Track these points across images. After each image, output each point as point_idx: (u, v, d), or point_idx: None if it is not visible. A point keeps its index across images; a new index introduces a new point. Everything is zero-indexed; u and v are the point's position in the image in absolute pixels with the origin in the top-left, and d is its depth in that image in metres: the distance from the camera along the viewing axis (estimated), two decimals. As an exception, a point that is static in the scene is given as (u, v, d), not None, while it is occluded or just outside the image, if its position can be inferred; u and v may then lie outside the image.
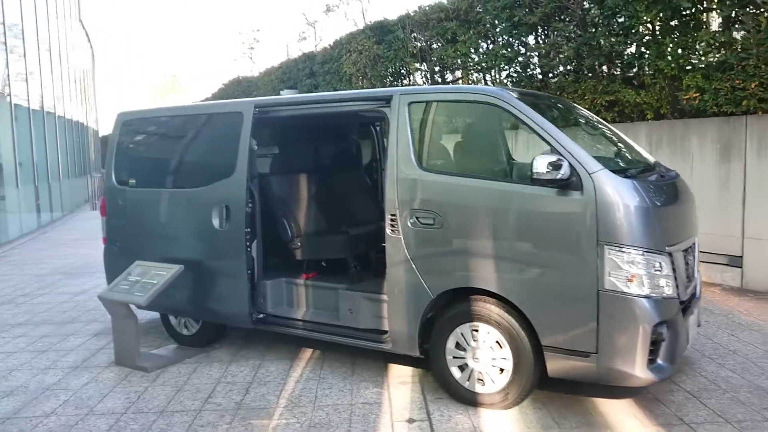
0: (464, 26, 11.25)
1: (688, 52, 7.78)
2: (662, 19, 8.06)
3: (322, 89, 16.50)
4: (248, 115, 4.89)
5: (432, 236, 4.14)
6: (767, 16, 6.91)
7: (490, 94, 4.02)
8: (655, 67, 8.06)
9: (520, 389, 3.96)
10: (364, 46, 13.95)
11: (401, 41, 13.01)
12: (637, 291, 3.56)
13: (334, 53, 15.65)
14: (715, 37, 7.41)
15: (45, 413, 4.26)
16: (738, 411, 3.96)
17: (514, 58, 10.42)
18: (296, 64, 17.90)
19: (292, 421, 4.02)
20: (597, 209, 3.58)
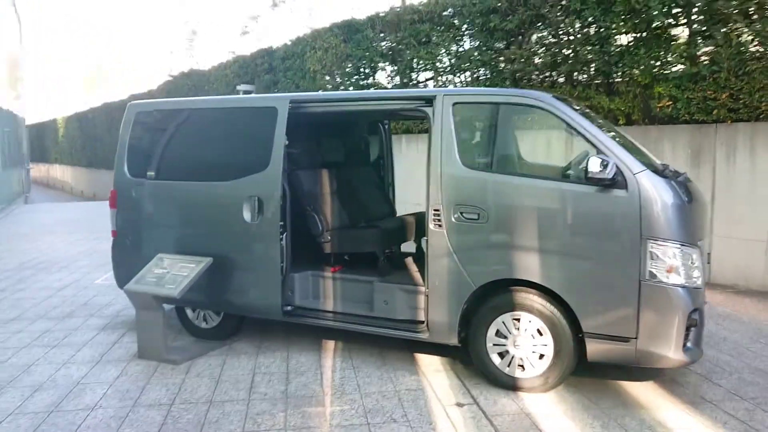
0: (437, 29, 11.55)
1: (660, 63, 8.36)
2: (636, 31, 8.62)
3: (282, 85, 16.43)
4: (283, 110, 4.97)
5: (476, 230, 4.38)
6: (737, 33, 7.55)
7: (537, 98, 4.30)
8: (629, 76, 8.62)
9: (559, 374, 4.26)
10: (331, 44, 14.02)
11: (370, 40, 13.19)
12: (675, 281, 3.92)
13: (296, 49, 15.61)
14: (686, 51, 8.01)
15: (88, 406, 4.22)
16: (748, 389, 4.41)
17: (489, 62, 10.79)
18: (254, 59, 17.71)
19: (346, 408, 4.16)
20: (641, 206, 3.92)
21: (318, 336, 5.62)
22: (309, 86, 15.34)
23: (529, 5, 9.78)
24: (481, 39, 10.77)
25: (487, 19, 10.44)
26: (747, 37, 7.58)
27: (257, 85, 17.58)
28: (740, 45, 7.46)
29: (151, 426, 3.92)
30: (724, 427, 3.84)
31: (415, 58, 12.11)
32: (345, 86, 14.27)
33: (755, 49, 7.37)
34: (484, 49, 10.80)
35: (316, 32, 14.72)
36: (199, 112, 5.49)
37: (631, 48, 8.67)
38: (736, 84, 7.33)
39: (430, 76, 12.81)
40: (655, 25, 8.48)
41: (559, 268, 4.17)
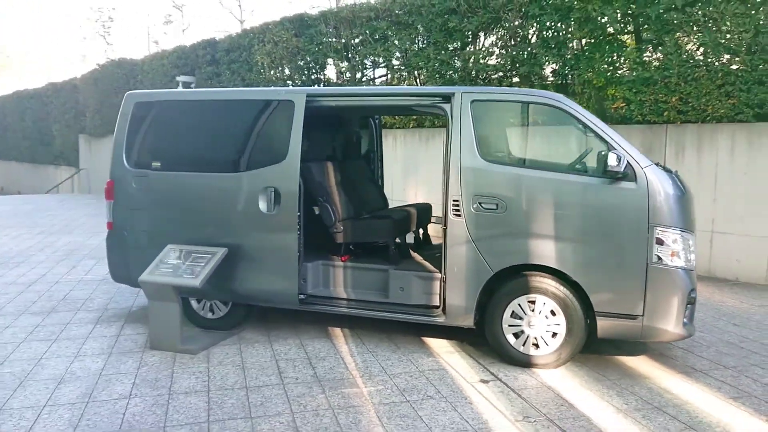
0: (394, 27, 11.83)
1: (613, 67, 9.03)
2: (591, 37, 9.27)
3: (226, 78, 16.23)
4: (300, 103, 5.11)
5: (494, 219, 4.71)
6: (686, 41, 8.31)
7: (552, 97, 4.68)
8: (585, 79, 9.25)
9: (571, 350, 4.67)
10: (282, 38, 14.02)
11: (324, 36, 13.31)
12: (677, 264, 4.41)
13: (243, 42, 15.47)
14: (637, 56, 8.71)
15: (122, 395, 4.22)
16: (727, 360, 4.99)
17: (447, 61, 11.19)
18: (194, 49, 17.35)
19: (380, 387, 4.39)
20: (649, 197, 4.38)
21: (323, 323, 5.79)
22: (255, 79, 15.26)
23: (489, 8, 10.24)
24: (440, 38, 11.13)
25: (446, 20, 10.82)
26: (692, 46, 8.36)
27: (198, 76, 17.24)
28: (688, 53, 8.21)
29: (199, 411, 3.99)
30: (719, 391, 4.36)
31: (371, 55, 12.34)
32: (294, 81, 14.32)
33: (701, 58, 8.12)
34: (442, 49, 11.18)
35: (265, 25, 14.66)
36: (211, 103, 5.51)
37: (587, 52, 9.30)
38: (685, 89, 8.06)
39: (383, 73, 13.11)
40: (609, 31, 9.16)
41: (572, 254, 4.56)
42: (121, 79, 20.53)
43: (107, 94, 21.26)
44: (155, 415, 3.94)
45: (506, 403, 4.15)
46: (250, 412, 3.99)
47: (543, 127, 4.87)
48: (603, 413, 4.00)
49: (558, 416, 3.94)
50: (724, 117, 7.82)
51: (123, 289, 7.16)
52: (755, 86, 7.52)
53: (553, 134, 4.84)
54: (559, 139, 4.83)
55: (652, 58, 8.74)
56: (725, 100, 7.74)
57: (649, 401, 4.18)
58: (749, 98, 7.56)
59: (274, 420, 3.87)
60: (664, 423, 3.85)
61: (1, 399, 4.15)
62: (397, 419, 3.89)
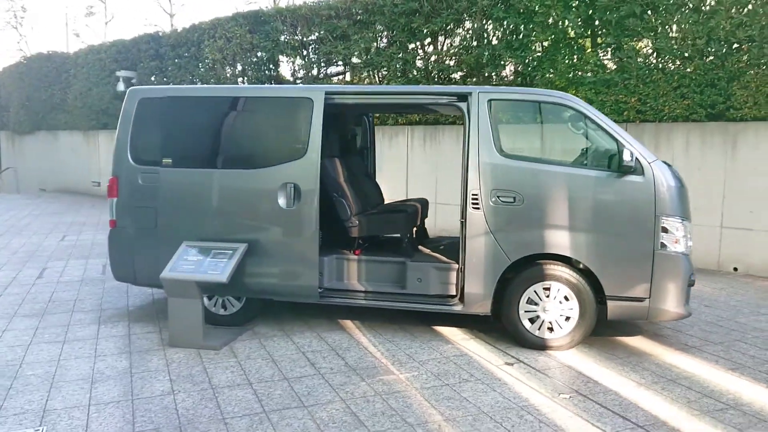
0: (355, 25, 11.98)
1: (574, 69, 9.58)
2: (552, 40, 9.79)
3: (172, 74, 15.86)
4: (319, 101, 5.22)
5: (512, 212, 5.01)
6: (642, 46, 8.94)
7: (565, 97, 5.02)
8: (548, 80, 9.76)
9: (583, 333, 5.04)
10: (235, 34, 13.88)
11: (279, 32, 13.27)
12: (679, 250, 4.85)
13: (192, 37, 15.17)
14: (596, 59, 9.29)
15: (165, 392, 4.22)
16: (713, 336, 5.52)
17: (409, 60, 11.46)
18: (136, 43, 16.82)
19: (415, 374, 4.59)
20: (655, 189, 4.80)
21: (332, 316, 5.92)
22: (205, 76, 15.03)
23: (452, 10, 10.58)
24: (403, 38, 11.38)
25: (409, 20, 11.08)
26: (648, 50, 9.01)
27: (140, 72, 16.75)
28: (645, 57, 8.86)
29: (250, 403, 4.05)
30: (717, 363, 4.85)
31: (331, 53, 12.43)
32: (248, 77, 14.20)
33: (657, 61, 8.78)
34: (405, 49, 11.43)
35: (216, 20, 14.44)
36: (226, 100, 5.51)
37: (549, 54, 9.82)
38: (643, 90, 8.68)
39: (340, 70, 13.24)
40: (570, 35, 9.71)
41: (585, 243, 4.93)
42: (51, 74, 19.59)
43: (35, 89, 20.25)
44: (208, 408, 3.97)
45: (537, 382, 4.45)
46: (302, 401, 4.09)
47: (555, 125, 5.21)
48: (626, 387, 4.37)
49: (588, 392, 4.28)
50: (679, 117, 8.48)
51: (109, 290, 7.00)
52: (708, 88, 8.21)
53: (565, 131, 5.19)
54: (570, 136, 5.18)
55: (610, 61, 9.34)
56: (680, 101, 8.40)
57: (662, 375, 4.59)
58: (702, 99, 8.24)
59: (329, 407, 4.00)
60: (682, 393, 4.27)
61: (39, 400, 4.06)
62: (444, 401, 4.11)
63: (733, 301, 6.72)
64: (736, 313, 6.30)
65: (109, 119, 17.73)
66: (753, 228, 8.01)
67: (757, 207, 7.96)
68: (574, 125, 5.13)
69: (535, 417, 3.88)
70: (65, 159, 19.93)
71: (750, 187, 7.96)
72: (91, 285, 7.24)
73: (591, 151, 5.11)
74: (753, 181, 7.97)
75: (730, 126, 8.18)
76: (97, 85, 17.85)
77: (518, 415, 3.91)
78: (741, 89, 7.93)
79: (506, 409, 3.99)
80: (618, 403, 4.11)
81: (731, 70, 8.02)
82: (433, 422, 3.81)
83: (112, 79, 17.34)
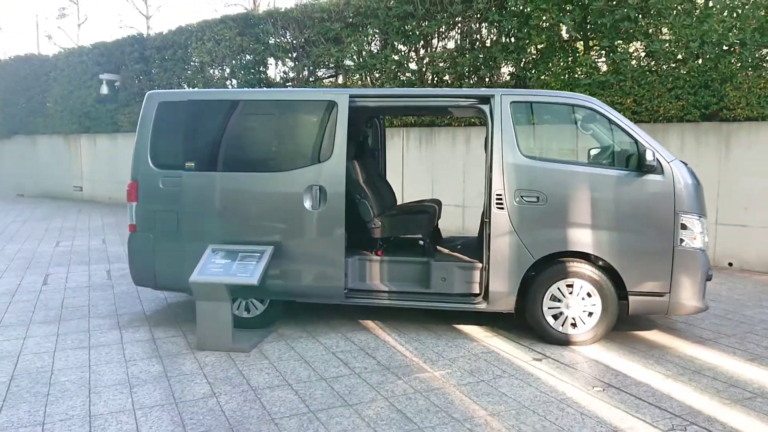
0: (349, 28, 12.04)
1: (569, 71, 9.79)
2: (547, 43, 9.98)
3: (158, 77, 15.73)
4: (343, 104, 5.28)
5: (536, 211, 5.13)
6: (636, 49, 9.18)
7: (587, 99, 5.16)
8: (543, 82, 9.95)
9: (605, 328, 5.19)
10: (224, 36, 13.84)
11: (270, 35, 13.27)
12: (697, 245, 5.03)
13: (178, 39, 15.06)
14: (590, 61, 9.51)
15: (207, 395, 4.24)
16: (724, 329, 5.72)
17: (403, 63, 11.57)
18: (119, 46, 16.62)
19: (448, 371, 4.68)
20: (674, 187, 4.96)
21: (352, 317, 5.98)
22: (193, 78, 14.95)
23: (447, 13, 10.72)
24: (397, 41, 11.49)
25: (403, 23, 11.19)
26: (641, 53, 9.26)
27: (124, 74, 16.58)
28: (639, 60, 9.10)
29: (294, 403, 4.10)
30: (735, 355, 5.03)
31: (324, 56, 12.47)
32: (238, 80, 14.16)
33: (651, 63, 9.02)
34: (399, 52, 11.54)
35: (204, 23, 14.39)
36: (250, 103, 5.53)
37: (544, 56, 10.01)
38: (639, 91, 8.92)
39: (333, 73, 13.29)
40: (564, 38, 9.91)
41: (608, 241, 5.07)
42: (29, 77, 19.22)
43: (12, 92, 19.87)
44: (254, 409, 4.00)
45: (568, 376, 4.58)
46: (345, 400, 4.15)
47: (577, 126, 5.35)
48: (655, 379, 4.52)
49: (620, 384, 4.42)
50: (674, 117, 8.74)
51: (120, 295, 6.96)
52: (701, 90, 8.47)
53: (586, 132, 5.33)
54: (591, 136, 5.33)
55: (604, 63, 9.56)
56: (675, 102, 8.65)
57: (685, 367, 4.76)
58: (696, 100, 8.50)
59: (374, 405, 4.06)
60: (710, 383, 4.43)
61: (81, 406, 4.04)
62: (484, 397, 4.20)
63: (736, 296, 6.96)
64: (741, 306, 6.52)
65: (92, 123, 17.50)
66: (747, 224, 8.28)
67: (751, 204, 8.24)
68: (596, 126, 5.28)
69: (575, 410, 4.00)
70: (45, 164, 19.57)
71: (744, 185, 8.24)
72: (100, 290, 7.17)
73: (612, 152, 5.26)
74: (746, 179, 8.24)
75: (723, 126, 8.45)
76: (79, 89, 17.59)
77: (559, 408, 4.02)
78: (734, 90, 8.20)
79: (546, 403, 4.10)
80: (651, 394, 4.25)
81: (724, 72, 8.28)
82: (478, 417, 3.89)
83: (94, 82, 17.12)
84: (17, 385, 4.38)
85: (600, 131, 5.28)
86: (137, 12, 40.01)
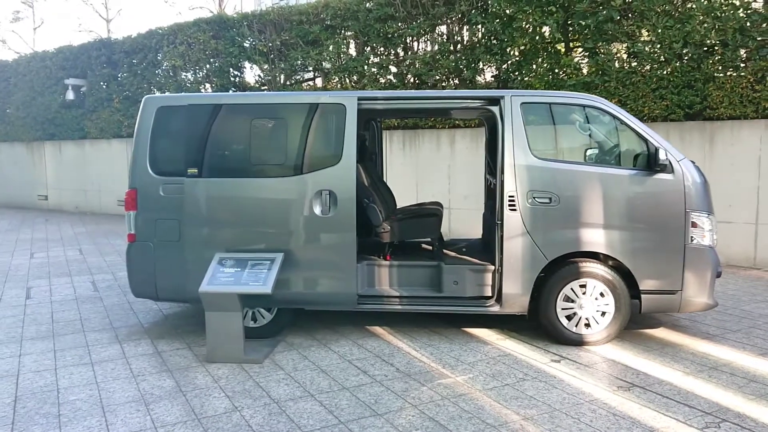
0: (328, 31, 11.92)
1: (553, 73, 9.87)
2: (531, 44, 10.05)
3: (128, 81, 15.31)
4: (352, 107, 5.19)
5: (548, 212, 5.12)
6: (619, 50, 9.32)
7: (595, 99, 5.18)
8: (526, 83, 10.01)
9: (618, 327, 5.20)
10: (198, 39, 13.56)
11: (245, 38, 13.05)
12: (707, 243, 5.09)
13: (149, 42, 14.68)
14: (573, 63, 9.62)
15: (229, 409, 4.08)
16: (728, 324, 5.81)
17: (384, 66, 11.50)
18: (85, 50, 16.12)
19: (470, 376, 4.62)
20: (684, 186, 5.02)
21: (358, 323, 5.89)
22: (165, 83, 14.60)
23: (429, 15, 10.71)
24: (378, 43, 11.42)
25: (384, 26, 11.13)
26: (623, 54, 9.40)
27: (91, 79, 16.09)
28: (623, 61, 9.23)
29: (323, 414, 3.98)
30: (745, 350, 5.11)
31: (302, 59, 12.32)
32: (213, 83, 13.89)
33: (635, 64, 9.16)
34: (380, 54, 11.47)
35: (177, 26, 14.06)
36: (255, 107, 5.38)
37: (528, 58, 10.07)
38: (623, 92, 9.04)
39: (311, 76, 13.14)
40: (547, 40, 10.00)
41: (620, 240, 5.09)
42: (-13, 82, 18.51)
43: (-31, 98, 19.06)
44: (282, 423, 3.87)
45: (591, 377, 4.57)
46: (373, 410, 4.05)
47: (587, 126, 5.36)
48: (676, 376, 4.54)
49: (644, 383, 4.43)
50: (658, 117, 8.88)
51: (111, 307, 6.71)
52: (685, 90, 8.64)
53: (596, 133, 5.35)
54: (601, 137, 5.34)
55: (587, 65, 9.68)
56: (659, 102, 8.80)
57: (702, 363, 4.81)
58: (680, 100, 8.66)
59: (404, 414, 3.97)
60: (730, 379, 4.48)
61: (99, 426, 3.85)
62: (512, 401, 4.16)
63: (730, 291, 7.09)
64: (738, 302, 6.65)
65: (57, 129, 16.96)
66: (732, 221, 8.47)
67: (735, 201, 8.43)
68: (606, 126, 5.30)
69: (607, 411, 3.99)
70: (6, 172, 18.87)
71: (728, 182, 8.42)
72: (89, 303, 6.90)
73: (623, 151, 5.28)
74: (730, 176, 8.43)
75: (707, 125, 8.63)
76: (42, 94, 17.01)
77: (590, 410, 4.00)
78: (717, 90, 8.38)
79: (576, 405, 4.08)
80: (676, 392, 4.27)
81: (707, 72, 8.46)
82: (512, 422, 3.84)
83: (59, 88, 16.57)
84: (24, 407, 4.15)
85: (610, 131, 5.30)
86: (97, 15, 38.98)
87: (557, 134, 5.37)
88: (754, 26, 8.15)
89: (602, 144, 5.34)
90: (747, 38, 8.21)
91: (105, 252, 10.29)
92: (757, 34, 8.13)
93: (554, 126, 5.35)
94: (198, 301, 5.02)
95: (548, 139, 5.41)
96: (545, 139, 5.38)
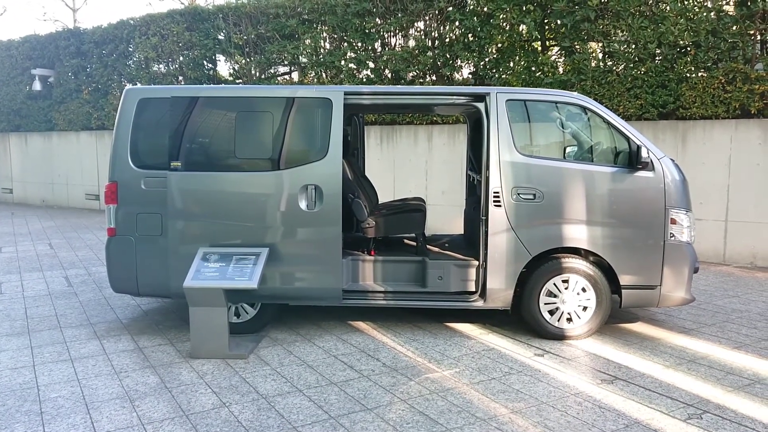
0: (305, 25, 11.85)
1: (530, 71, 9.97)
2: (508, 42, 10.14)
3: (98, 73, 14.98)
4: (338, 101, 5.17)
5: (532, 208, 5.19)
6: (595, 50, 9.45)
7: (579, 97, 5.25)
8: (504, 80, 10.10)
9: (599, 321, 5.30)
10: (171, 31, 13.35)
11: (220, 30, 12.89)
12: (686, 239, 5.22)
13: (120, 33, 14.39)
14: (549, 61, 9.74)
15: (216, 405, 4.05)
16: (702, 319, 5.96)
17: (362, 61, 11.48)
18: (53, 40, 15.73)
19: (456, 370, 4.66)
20: (665, 183, 5.13)
21: (341, 318, 5.89)
22: (136, 75, 14.35)
23: (408, 12, 10.72)
24: (356, 38, 11.39)
25: (363, 21, 11.11)
26: (599, 54, 9.55)
27: (58, 69, 15.72)
28: (599, 60, 9.38)
29: (313, 410, 3.97)
30: (720, 344, 5.25)
31: (278, 52, 12.22)
32: (186, 76, 13.68)
33: (610, 64, 9.32)
34: (357, 49, 11.44)
35: (149, 17, 13.81)
36: (240, 101, 5.31)
37: (505, 56, 10.16)
38: (599, 90, 9.19)
39: (286, 70, 13.05)
40: (524, 38, 10.10)
41: (602, 236, 5.18)
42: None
43: (-71, 88, 18.44)
44: (272, 418, 3.85)
45: (574, 371, 4.64)
46: (363, 404, 4.05)
47: (570, 124, 5.43)
48: (656, 369, 4.65)
49: (626, 376, 4.52)
50: (633, 116, 9.05)
51: (87, 303, 6.58)
52: (658, 89, 8.82)
53: (579, 130, 5.42)
54: (584, 133, 5.42)
55: (564, 63, 9.81)
56: (634, 101, 8.97)
57: (680, 357, 4.92)
58: (654, 100, 8.84)
59: (394, 408, 3.99)
60: (708, 372, 4.60)
61: (83, 423, 3.77)
62: (500, 395, 4.21)
63: (702, 286, 7.28)
64: (711, 297, 6.83)
65: (23, 121, 16.53)
66: (703, 218, 8.68)
67: (706, 199, 8.64)
68: (589, 124, 5.38)
69: (592, 403, 4.06)
70: (-32, 164, 18.32)
71: (699, 181, 8.62)
72: (63, 299, 6.75)
73: (605, 149, 5.37)
74: (701, 174, 8.64)
75: (680, 124, 8.82)
76: (7, 84, 16.57)
77: (576, 402, 4.07)
78: (689, 90, 8.58)
79: (562, 398, 4.14)
80: (658, 385, 4.36)
81: (680, 73, 8.65)
82: (501, 415, 3.89)
83: (25, 78, 16.17)
84: (3, 404, 4.05)
85: (594, 129, 5.38)
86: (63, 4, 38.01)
87: (542, 131, 5.43)
88: (726, 28, 8.35)
89: (585, 141, 5.42)
90: (719, 40, 8.41)
91: (76, 246, 10.07)
92: (728, 36, 8.34)
93: (539, 123, 5.41)
94: (181, 296, 4.96)
95: (533, 136, 5.46)
96: (530, 135, 5.43)
